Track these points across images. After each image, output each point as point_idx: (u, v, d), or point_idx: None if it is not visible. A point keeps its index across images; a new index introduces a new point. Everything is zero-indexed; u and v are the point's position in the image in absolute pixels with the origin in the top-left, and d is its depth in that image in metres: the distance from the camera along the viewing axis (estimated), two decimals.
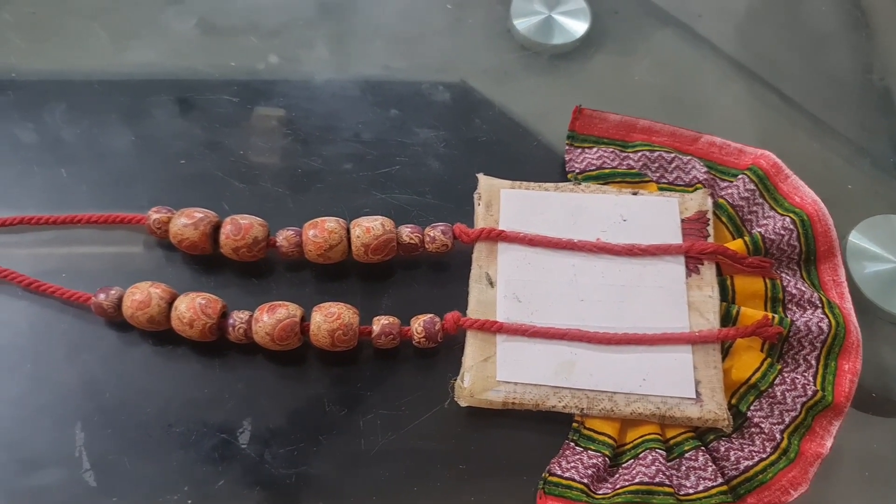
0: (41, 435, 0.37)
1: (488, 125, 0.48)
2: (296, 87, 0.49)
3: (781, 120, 0.51)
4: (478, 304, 0.41)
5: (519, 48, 0.53)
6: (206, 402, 0.39)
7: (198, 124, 0.47)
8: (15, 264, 0.41)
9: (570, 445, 0.38)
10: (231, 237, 0.40)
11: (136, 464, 0.37)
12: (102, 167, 0.45)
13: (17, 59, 0.49)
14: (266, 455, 0.37)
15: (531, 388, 0.39)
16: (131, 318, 0.39)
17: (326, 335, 0.38)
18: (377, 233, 0.41)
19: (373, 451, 0.38)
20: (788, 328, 0.40)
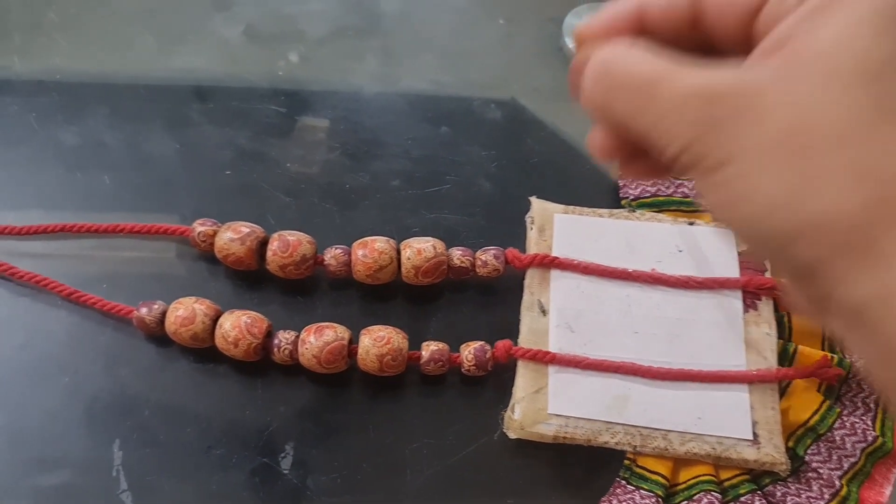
0: (77, 452, 0.36)
1: (540, 146, 0.47)
2: (344, 98, 0.48)
3: None
4: (529, 333, 0.40)
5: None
6: (248, 424, 0.37)
7: (243, 134, 0.46)
8: (55, 273, 0.40)
9: (621, 484, 0.37)
10: (278, 254, 0.39)
11: (174, 486, 0.36)
12: (146, 174, 0.44)
13: (62, 60, 0.48)
14: (308, 482, 0.36)
15: (583, 423, 0.37)
16: (174, 334, 0.38)
17: (375, 360, 0.37)
18: (428, 255, 0.39)
19: (418, 481, 0.37)
20: (848, 370, 0.39)
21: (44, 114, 0.46)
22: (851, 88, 0.20)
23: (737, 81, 0.21)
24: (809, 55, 0.21)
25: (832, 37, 0.21)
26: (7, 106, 0.46)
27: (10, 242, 0.42)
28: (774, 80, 0.21)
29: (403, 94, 0.49)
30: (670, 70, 0.22)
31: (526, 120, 0.49)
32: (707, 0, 0.24)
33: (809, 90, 0.21)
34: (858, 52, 0.20)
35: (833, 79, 0.21)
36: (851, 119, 0.20)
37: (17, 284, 0.40)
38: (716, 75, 0.22)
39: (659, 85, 0.22)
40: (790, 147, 0.21)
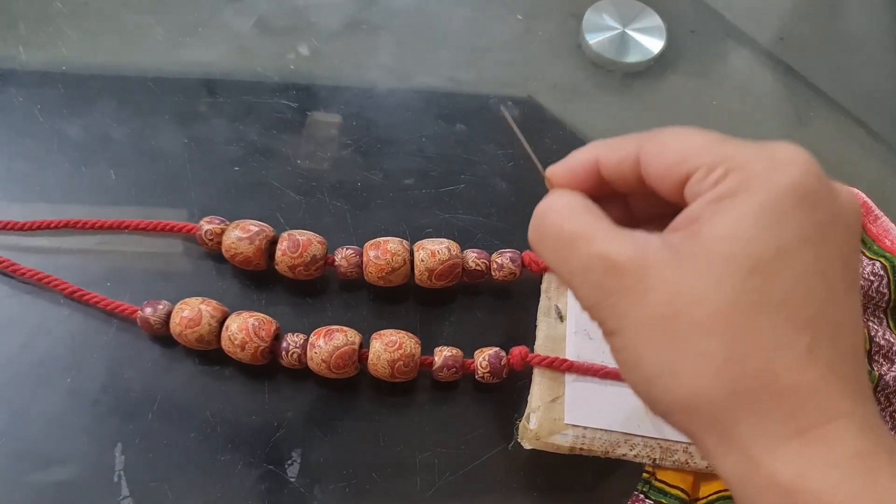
0: (78, 457, 0.35)
1: (558, 144, 0.46)
2: (357, 94, 0.47)
3: (870, 156, 0.48)
4: (546, 340, 0.38)
5: (590, 65, 0.50)
6: (254, 430, 0.36)
7: (253, 129, 0.45)
8: (58, 270, 0.39)
9: (639, 497, 0.36)
10: (288, 254, 0.38)
11: (178, 493, 0.35)
12: (153, 170, 0.43)
13: (69, 51, 0.47)
14: (316, 491, 0.35)
15: (601, 434, 0.36)
16: (179, 335, 0.36)
17: (386, 365, 0.36)
18: (443, 257, 0.38)
19: (429, 492, 0.35)
20: (876, 382, 0.38)
21: (49, 106, 0.44)
22: (730, 279, 0.22)
23: (633, 256, 0.23)
24: (704, 239, 0.23)
25: (727, 225, 0.22)
26: (11, 98, 0.45)
27: (12, 238, 0.40)
28: (666, 260, 0.23)
29: (418, 90, 0.48)
30: (589, 231, 0.24)
31: (544, 118, 0.47)
32: (646, 164, 0.25)
33: (693, 276, 0.22)
34: (745, 244, 0.22)
35: (717, 267, 0.22)
36: (724, 309, 0.22)
37: (19, 282, 0.39)
38: (619, 246, 0.24)
39: (574, 244, 0.25)
40: (666, 328, 0.22)
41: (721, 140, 0.24)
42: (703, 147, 0.24)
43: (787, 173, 0.22)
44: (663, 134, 0.26)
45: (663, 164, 0.25)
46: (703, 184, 0.23)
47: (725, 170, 0.23)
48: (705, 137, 0.24)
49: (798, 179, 0.22)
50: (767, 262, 0.22)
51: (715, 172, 0.23)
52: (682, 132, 0.25)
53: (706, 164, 0.24)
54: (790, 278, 0.22)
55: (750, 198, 0.22)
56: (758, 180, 0.23)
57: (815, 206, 0.22)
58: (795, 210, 0.22)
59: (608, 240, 0.24)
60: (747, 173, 0.23)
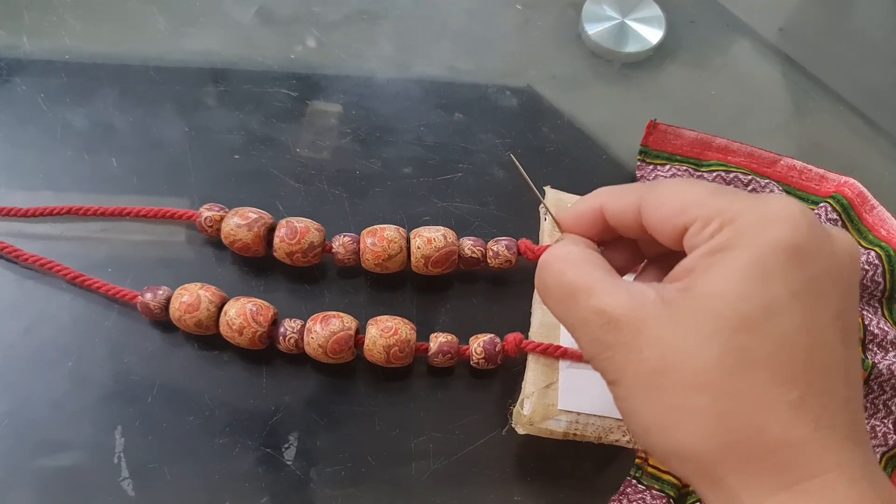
0: (80, 439, 0.36)
1: (556, 134, 0.46)
2: (357, 84, 0.47)
3: (868, 146, 0.48)
4: (540, 326, 0.39)
5: (589, 55, 0.50)
6: (252, 414, 0.37)
7: (254, 118, 0.45)
8: (61, 256, 0.40)
9: (631, 483, 0.36)
10: (286, 241, 0.38)
11: (176, 475, 0.35)
12: (154, 158, 0.43)
13: (72, 40, 0.47)
14: (312, 473, 0.36)
15: (594, 420, 0.36)
16: (178, 320, 0.37)
17: (382, 351, 0.36)
18: (439, 244, 0.38)
19: (423, 476, 0.36)
20: (870, 371, 0.38)
21: (52, 95, 0.45)
22: (718, 337, 0.23)
23: (629, 310, 0.24)
24: (696, 295, 0.23)
25: (717, 282, 0.23)
26: (15, 86, 0.45)
27: (15, 224, 0.41)
28: (660, 314, 0.24)
29: (417, 79, 0.48)
30: (588, 283, 0.26)
31: (542, 108, 0.47)
32: (646, 216, 0.26)
33: (684, 332, 0.23)
34: (733, 301, 0.23)
35: (706, 324, 0.23)
36: (711, 367, 0.23)
37: (22, 267, 0.40)
38: (616, 300, 0.25)
39: (575, 296, 0.26)
40: (659, 383, 0.23)
41: (716, 192, 0.25)
42: (699, 200, 0.25)
43: (777, 229, 0.23)
44: (662, 186, 0.26)
45: (662, 217, 0.26)
46: (699, 237, 0.24)
47: (720, 223, 0.24)
48: (702, 190, 0.25)
49: (788, 236, 0.23)
50: (754, 320, 0.23)
51: (710, 226, 0.24)
52: (680, 185, 0.26)
53: (702, 217, 0.24)
54: (777, 335, 0.23)
55: (740, 254, 0.23)
56: (748, 236, 0.23)
57: (806, 262, 0.23)
58: (784, 267, 0.23)
59: (606, 293, 0.25)
60: (739, 228, 0.23)
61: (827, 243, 0.24)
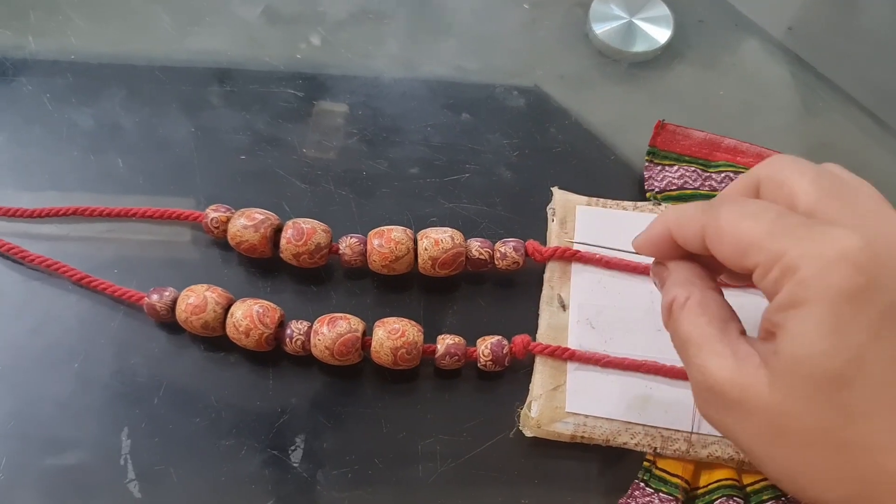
0: (86, 440, 0.36)
1: (563, 135, 0.46)
2: (363, 83, 0.47)
3: (877, 146, 0.47)
4: (548, 328, 0.38)
5: (597, 54, 0.50)
6: (258, 416, 0.37)
7: (260, 118, 0.45)
8: (67, 257, 0.39)
9: (639, 486, 0.36)
10: (292, 242, 0.38)
11: (183, 477, 0.35)
12: (160, 158, 0.43)
13: (78, 40, 0.47)
14: (319, 476, 0.35)
15: (602, 423, 0.36)
16: (185, 322, 0.37)
17: (389, 353, 0.36)
18: (446, 246, 0.38)
19: (431, 478, 0.36)
20: None
21: (58, 95, 0.45)
22: (817, 397, 0.23)
23: (731, 377, 0.25)
24: (784, 359, 0.24)
25: (798, 342, 0.23)
26: (21, 86, 0.45)
27: (21, 224, 0.41)
28: (761, 382, 0.24)
29: (424, 79, 0.48)
30: (698, 339, 0.26)
31: (550, 108, 0.47)
32: (712, 249, 0.27)
33: (785, 397, 0.24)
34: (818, 362, 0.23)
35: (802, 387, 0.23)
36: (820, 426, 0.23)
37: (28, 268, 0.40)
38: (720, 365, 0.25)
39: (686, 349, 0.27)
40: (773, 445, 0.25)
41: (773, 232, 0.24)
42: (757, 242, 0.25)
43: (839, 275, 0.23)
44: (722, 218, 0.26)
45: (724, 256, 0.26)
46: (765, 283, 0.25)
47: (781, 271, 0.24)
48: (759, 229, 0.25)
49: (850, 280, 0.23)
50: (846, 375, 0.23)
51: (772, 274, 0.24)
52: (738, 218, 0.26)
53: (762, 264, 0.25)
54: (873, 382, 0.23)
55: (811, 311, 0.23)
56: (813, 289, 0.23)
57: (876, 295, 0.23)
58: (857, 311, 0.23)
59: (712, 355, 0.26)
60: (802, 280, 0.23)
61: (891, 260, 0.23)
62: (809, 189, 0.25)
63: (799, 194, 0.26)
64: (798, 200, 0.26)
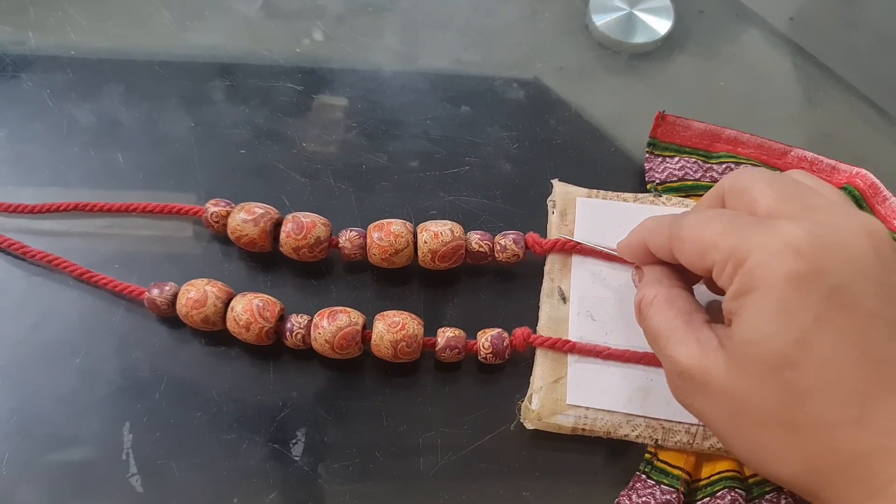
0: (88, 435, 0.36)
1: (563, 127, 0.46)
2: (362, 77, 0.47)
3: (880, 136, 0.47)
4: (549, 321, 0.38)
5: (597, 46, 0.50)
6: (259, 410, 0.37)
7: (260, 112, 0.45)
8: (67, 252, 0.40)
9: (641, 478, 0.36)
10: (292, 236, 0.38)
11: (184, 471, 0.35)
12: (160, 154, 0.43)
13: (77, 36, 0.47)
14: (320, 469, 0.36)
15: (603, 415, 0.36)
16: (185, 316, 0.37)
17: (389, 346, 0.36)
18: (446, 239, 0.38)
19: (432, 471, 0.36)
20: None
21: (58, 91, 0.45)
22: (767, 378, 0.25)
23: (696, 362, 0.27)
24: (738, 343, 0.26)
25: (747, 328, 0.25)
26: (21, 82, 0.45)
27: (22, 221, 0.41)
28: (720, 364, 0.26)
29: (423, 72, 0.48)
30: (666, 331, 0.29)
31: (549, 100, 0.47)
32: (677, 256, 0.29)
33: (740, 378, 0.25)
34: (767, 344, 0.24)
35: (754, 369, 0.25)
36: (772, 406, 0.25)
37: (29, 263, 0.40)
38: (686, 351, 0.28)
39: (657, 342, 0.30)
40: (736, 424, 0.26)
41: (727, 230, 0.27)
42: (712, 242, 0.27)
43: (783, 262, 0.24)
44: (684, 226, 0.29)
45: (687, 260, 0.29)
46: (722, 279, 0.27)
47: (733, 266, 0.26)
48: (714, 229, 0.27)
49: (793, 266, 0.24)
50: (792, 355, 0.24)
51: (726, 269, 0.26)
52: (696, 223, 0.28)
53: (718, 262, 0.27)
54: (818, 362, 0.24)
55: (757, 297, 0.25)
56: (758, 276, 0.25)
57: (819, 280, 0.24)
58: (799, 295, 0.24)
59: (679, 343, 0.28)
60: (749, 270, 0.25)
61: (836, 248, 0.24)
62: (768, 192, 0.27)
63: (759, 199, 0.27)
64: (758, 205, 0.27)
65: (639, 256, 0.33)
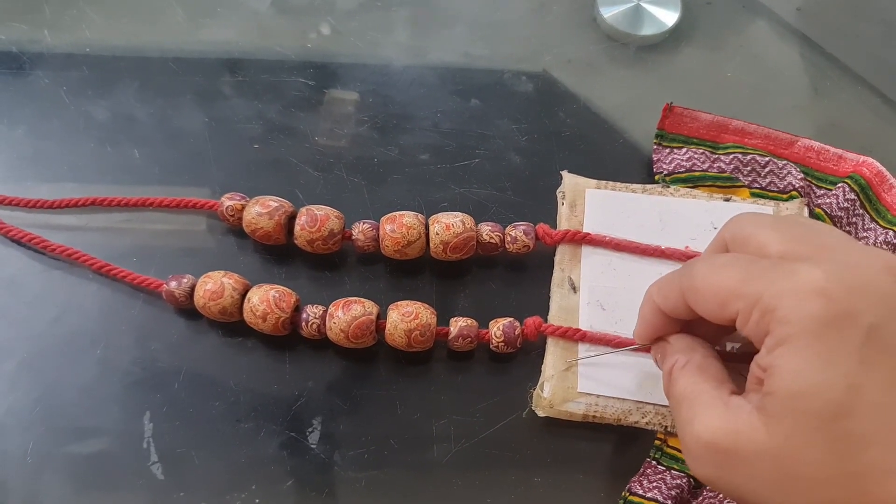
0: (109, 424, 0.37)
1: (572, 119, 0.46)
2: (373, 72, 0.48)
3: (886, 126, 0.48)
4: (559, 310, 0.39)
5: (605, 38, 0.50)
6: (276, 399, 0.37)
7: (272, 107, 0.46)
8: (86, 246, 0.40)
9: (651, 464, 0.36)
10: (306, 228, 0.39)
11: (204, 459, 0.36)
12: (175, 149, 0.44)
13: (92, 33, 0.48)
14: (336, 457, 0.36)
15: (613, 402, 0.37)
16: (203, 308, 0.38)
17: (403, 335, 0.37)
18: (457, 230, 0.39)
19: (445, 458, 0.36)
20: None
21: (74, 88, 0.46)
22: (821, 431, 0.23)
23: (724, 426, 0.25)
24: (780, 398, 0.24)
25: (790, 381, 0.24)
26: (38, 80, 0.46)
27: (42, 216, 0.42)
28: (758, 428, 0.24)
29: (433, 66, 0.48)
30: (695, 394, 0.27)
31: (558, 92, 0.47)
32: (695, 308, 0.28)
33: (786, 439, 0.24)
34: (815, 396, 0.23)
35: (803, 425, 0.23)
36: (826, 462, 0.23)
37: (49, 257, 0.41)
38: (714, 416, 0.26)
39: (681, 414, 0.28)
40: (781, 490, 0.24)
41: (746, 278, 0.26)
42: (732, 289, 0.26)
43: (815, 306, 0.23)
44: (697, 277, 0.27)
45: (707, 312, 0.27)
46: (748, 328, 0.25)
47: (761, 313, 0.24)
48: (730, 275, 0.26)
49: (827, 309, 0.23)
50: (845, 403, 0.23)
51: (753, 317, 0.25)
52: (711, 274, 0.27)
53: (742, 310, 0.25)
54: (871, 407, 0.23)
55: (798, 345, 0.23)
56: (794, 323, 0.24)
57: (853, 322, 0.23)
58: (839, 340, 0.23)
59: (704, 407, 0.26)
60: (784, 316, 0.24)
61: (864, 289, 0.24)
62: (774, 236, 0.26)
63: (766, 244, 0.26)
64: (767, 250, 0.26)
65: (659, 326, 0.31)
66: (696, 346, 0.30)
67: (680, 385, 0.28)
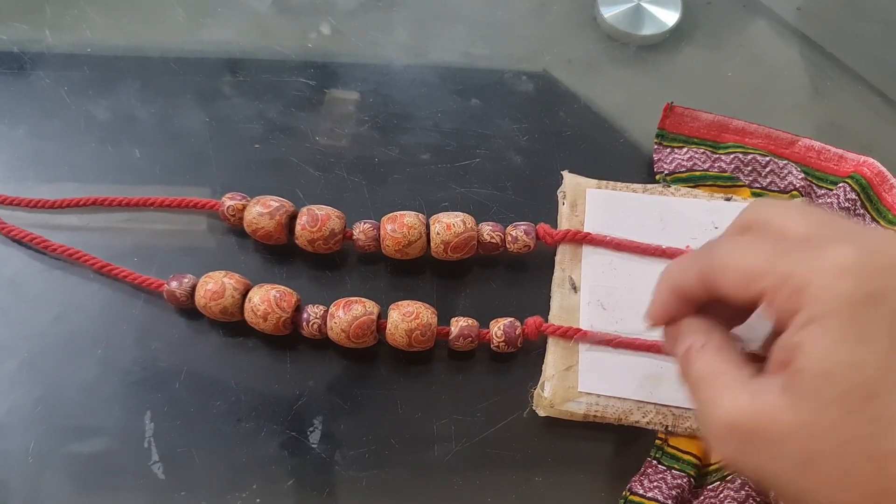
0: (110, 424, 0.37)
1: (573, 119, 0.46)
2: (374, 71, 0.48)
3: (887, 125, 0.48)
4: (560, 310, 0.39)
5: (605, 38, 0.50)
6: (276, 398, 0.38)
7: (273, 107, 0.46)
8: (87, 246, 0.40)
9: (652, 463, 0.36)
10: (307, 228, 0.39)
11: (205, 458, 0.36)
12: (176, 148, 0.44)
13: (93, 33, 0.48)
14: (336, 456, 0.36)
15: (614, 402, 0.37)
16: (204, 307, 0.38)
17: (404, 335, 0.37)
18: (458, 230, 0.39)
19: (446, 457, 0.37)
20: None
21: (76, 88, 0.46)
22: (849, 412, 0.23)
23: (749, 407, 0.24)
24: (810, 378, 0.23)
25: (824, 358, 0.23)
26: (39, 80, 0.46)
27: (43, 215, 0.42)
28: (785, 409, 0.24)
29: (434, 66, 0.48)
30: (715, 375, 0.26)
31: (559, 92, 0.48)
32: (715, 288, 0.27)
33: (815, 419, 0.23)
34: (847, 375, 0.23)
35: (834, 405, 0.23)
36: (853, 438, 0.23)
37: (50, 257, 0.41)
38: (736, 397, 0.25)
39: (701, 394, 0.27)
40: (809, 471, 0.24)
41: (775, 256, 0.25)
42: (759, 267, 0.25)
43: (848, 285, 0.23)
44: (720, 254, 0.27)
45: (729, 290, 0.26)
46: (774, 307, 0.25)
47: (790, 291, 0.24)
48: (758, 252, 0.25)
49: (860, 289, 0.23)
50: (878, 384, 0.22)
51: (781, 295, 0.24)
52: (735, 248, 0.26)
53: (769, 288, 0.25)
54: None
55: (828, 324, 0.23)
56: (827, 301, 0.23)
57: (884, 304, 0.23)
58: (871, 320, 0.23)
59: (726, 388, 0.25)
60: (815, 295, 0.23)
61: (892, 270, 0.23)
62: (798, 219, 0.26)
63: (789, 227, 0.26)
64: (790, 232, 0.26)
65: (673, 309, 0.30)
66: (713, 328, 0.29)
67: (699, 366, 0.27)
